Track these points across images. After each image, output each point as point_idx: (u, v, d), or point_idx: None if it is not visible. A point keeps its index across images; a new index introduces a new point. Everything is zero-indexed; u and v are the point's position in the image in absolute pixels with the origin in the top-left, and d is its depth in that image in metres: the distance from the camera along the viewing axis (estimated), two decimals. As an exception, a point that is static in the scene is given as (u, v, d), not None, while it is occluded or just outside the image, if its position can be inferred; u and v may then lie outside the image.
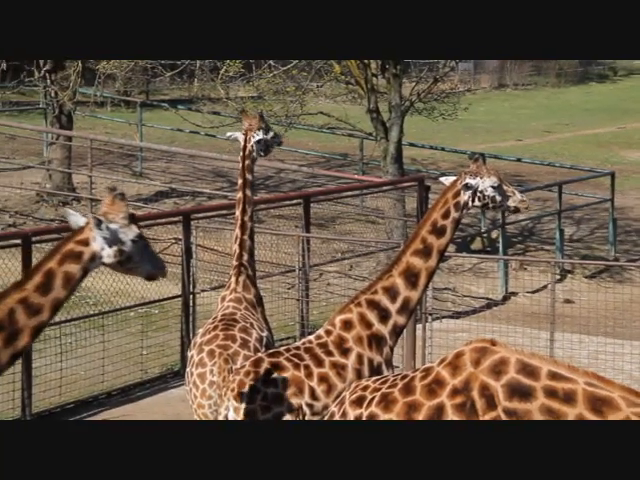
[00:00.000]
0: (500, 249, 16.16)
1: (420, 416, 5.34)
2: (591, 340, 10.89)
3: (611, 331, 11.29)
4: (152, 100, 27.09)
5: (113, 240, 5.29)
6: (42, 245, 10.51)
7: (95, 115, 23.21)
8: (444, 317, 12.70)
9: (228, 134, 8.01)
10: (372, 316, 6.50)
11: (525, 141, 29.45)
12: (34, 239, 10.01)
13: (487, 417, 5.24)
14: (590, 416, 5.09)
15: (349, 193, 16.58)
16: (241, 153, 7.81)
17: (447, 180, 6.91)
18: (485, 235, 17.90)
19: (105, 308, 11.90)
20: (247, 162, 7.72)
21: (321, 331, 6.61)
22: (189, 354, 7.28)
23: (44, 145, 21.19)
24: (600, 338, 11.11)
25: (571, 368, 5.20)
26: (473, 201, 6.69)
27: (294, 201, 13.40)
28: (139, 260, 5.39)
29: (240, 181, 7.82)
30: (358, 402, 5.60)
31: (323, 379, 6.39)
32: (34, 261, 9.40)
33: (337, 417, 5.63)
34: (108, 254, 5.28)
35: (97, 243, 5.27)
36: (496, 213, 6.41)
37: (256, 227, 14.38)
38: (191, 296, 11.26)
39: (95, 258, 5.28)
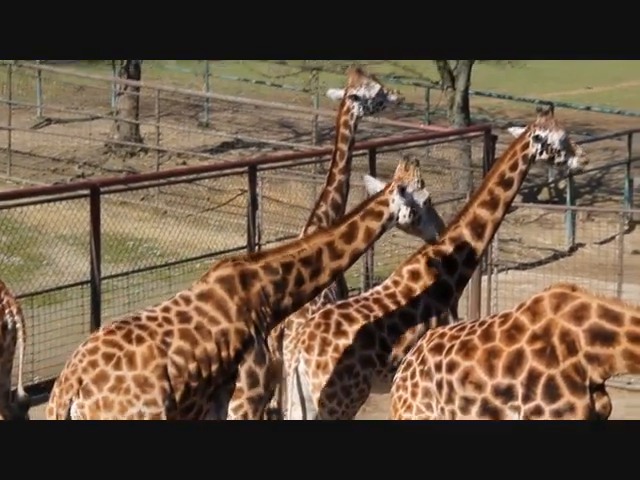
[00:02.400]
0: (567, 199, 15.99)
1: (500, 362, 5.39)
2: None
3: (680, 283, 11.15)
4: (218, 50, 27.05)
5: (408, 202, 5.99)
6: (110, 196, 10.63)
7: (162, 66, 23.32)
8: (510, 268, 12.64)
9: (330, 91, 8.00)
10: (440, 266, 6.59)
11: (594, 89, 28.95)
12: (102, 190, 10.11)
13: (568, 362, 5.26)
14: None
15: (415, 143, 16.47)
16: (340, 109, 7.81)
17: (515, 131, 7.04)
18: (552, 185, 17.71)
19: (171, 259, 12.05)
20: (344, 118, 7.71)
21: (389, 281, 6.72)
22: None
23: (112, 95, 21.39)
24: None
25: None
26: (541, 154, 6.81)
27: (360, 152, 13.37)
28: (427, 220, 6.10)
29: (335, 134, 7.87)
30: (437, 349, 5.64)
31: (393, 329, 6.50)
32: (102, 212, 9.54)
33: (415, 365, 5.68)
34: (403, 214, 6.02)
35: (395, 204, 6.01)
36: (558, 169, 6.43)
37: (319, 177, 14.45)
38: (257, 247, 11.34)
39: (392, 218, 6.04)
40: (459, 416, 5.46)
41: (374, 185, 6.20)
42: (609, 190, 18.24)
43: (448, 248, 6.62)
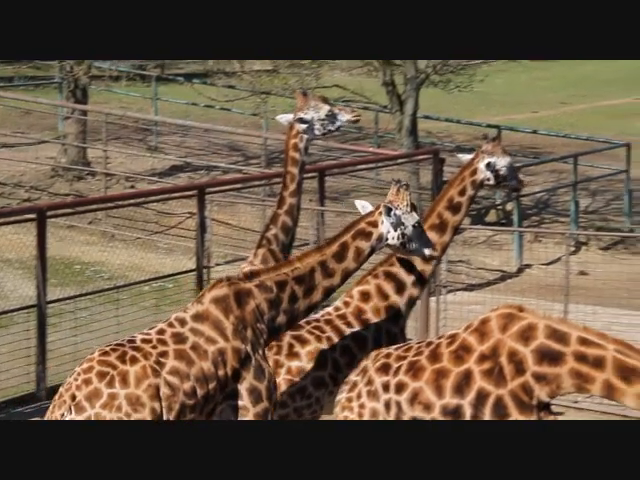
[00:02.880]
0: (515, 221, 16.13)
1: (449, 382, 5.40)
2: (605, 311, 10.89)
3: (625, 302, 11.27)
4: (167, 74, 27.04)
5: (397, 224, 6.10)
6: (57, 220, 10.55)
7: (110, 89, 23.23)
8: (458, 289, 12.72)
9: (279, 116, 7.98)
10: (389, 288, 6.63)
11: (541, 113, 29.29)
12: (49, 214, 10.05)
13: (515, 382, 5.28)
14: (617, 382, 5.13)
15: (364, 166, 16.56)
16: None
17: (464, 157, 7.16)
18: (500, 207, 17.87)
19: (119, 282, 11.97)
20: (294, 141, 7.70)
21: (339, 303, 6.73)
22: None
23: (59, 119, 21.24)
24: (614, 309, 11.10)
25: (601, 335, 5.25)
26: (488, 180, 6.99)
27: (309, 174, 13.40)
28: (417, 242, 6.19)
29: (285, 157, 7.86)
30: (384, 369, 5.64)
31: (345, 350, 6.52)
32: (49, 236, 9.46)
33: (361, 385, 5.67)
34: (392, 236, 6.11)
35: (384, 226, 6.11)
36: (503, 192, 6.69)
37: (269, 200, 14.44)
38: (205, 270, 11.30)
39: (381, 239, 6.13)
40: None
41: (367, 209, 6.29)
42: (556, 212, 18.44)
43: (398, 270, 6.67)
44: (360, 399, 5.65)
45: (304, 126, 7.65)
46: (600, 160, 19.99)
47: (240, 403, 5.85)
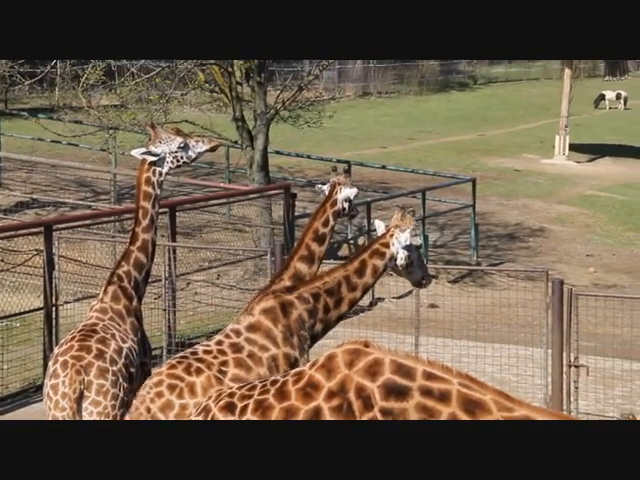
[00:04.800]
0: (366, 255, 16.29)
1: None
2: (455, 343, 11.08)
3: (474, 334, 11.50)
4: (11, 109, 26.45)
5: (405, 247, 6.81)
6: None
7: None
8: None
9: (134, 150, 7.82)
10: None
11: (389, 148, 29.85)
12: None
13: (365, 417, 5.27)
14: (463, 416, 5.17)
15: (216, 201, 16.50)
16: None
17: (322, 189, 7.57)
18: (352, 242, 18.05)
19: (-36, 322, 11.54)
20: (146, 175, 7.56)
21: (227, 331, 6.84)
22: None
23: None
24: (463, 341, 11.31)
25: (445, 369, 5.28)
26: (344, 210, 7.46)
27: (160, 210, 13.26)
28: (417, 265, 6.94)
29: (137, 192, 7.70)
30: (229, 409, 5.54)
31: (235, 380, 6.61)
32: None
33: None
34: (400, 257, 6.83)
35: (394, 247, 6.82)
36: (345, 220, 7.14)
37: (119, 236, 14.21)
38: (54, 308, 11.01)
39: (392, 258, 6.84)
40: None
41: (380, 229, 7.00)
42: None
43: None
44: None
45: (155, 159, 7.54)
46: (447, 195, 20.48)
47: None
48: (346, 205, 7.45)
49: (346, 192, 7.42)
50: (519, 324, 11.75)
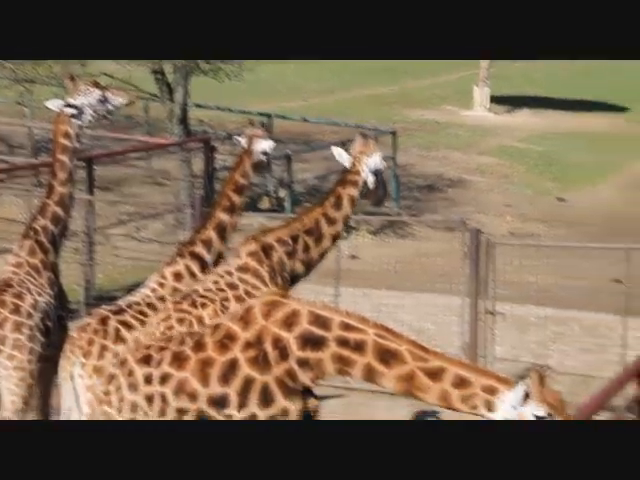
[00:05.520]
0: (287, 208, 16.32)
1: (214, 371, 5.35)
2: (374, 293, 11.19)
3: (393, 284, 11.62)
4: None
5: (374, 171, 7.25)
6: None
7: None
8: (232, 276, 12.72)
9: (49, 102, 7.67)
10: (195, 267, 7.13)
11: (310, 101, 29.78)
12: None
13: (280, 368, 5.30)
14: (377, 366, 5.23)
15: (135, 155, 16.34)
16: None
17: (242, 141, 7.65)
18: (273, 194, 18.04)
19: None
20: (63, 127, 7.45)
21: (154, 284, 7.04)
22: None
23: None
24: (383, 291, 11.43)
25: (362, 319, 5.33)
26: (261, 162, 7.65)
27: (77, 163, 13.07)
28: (381, 186, 7.35)
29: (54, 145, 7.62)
30: (146, 361, 5.53)
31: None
32: None
33: (122, 378, 5.55)
34: (370, 181, 7.23)
35: (365, 173, 7.23)
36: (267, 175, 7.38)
37: (36, 190, 13.99)
38: (-31, 264, 10.83)
39: (365, 184, 7.23)
40: None
41: (343, 158, 7.36)
42: (326, 198, 18.79)
43: (201, 250, 7.19)
44: (119, 392, 5.55)
45: (74, 112, 7.44)
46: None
47: None
48: (263, 157, 7.60)
49: (263, 144, 7.58)
50: (438, 273, 11.91)
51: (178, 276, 7.04)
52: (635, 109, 31.22)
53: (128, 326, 6.66)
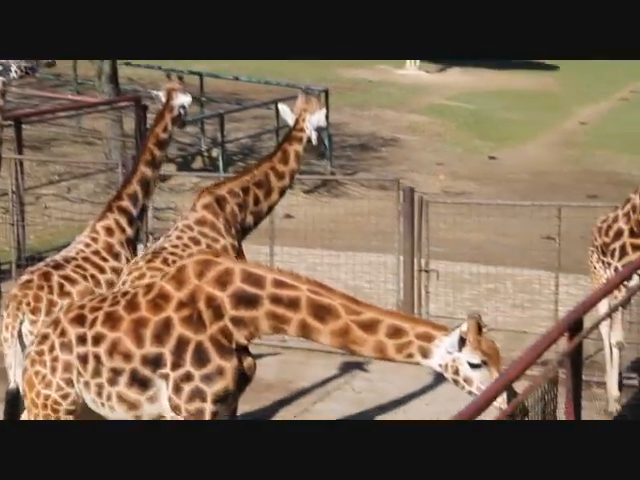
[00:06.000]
0: (221, 167, 16.23)
1: (148, 331, 5.33)
2: (309, 253, 11.20)
3: (328, 243, 11.62)
4: None
5: (317, 128, 7.63)
6: None
7: None
8: (166, 236, 12.63)
9: None
10: (124, 221, 7.25)
11: (242, 60, 29.53)
12: None
13: (215, 327, 5.30)
14: (312, 322, 5.25)
15: (64, 114, 16.08)
16: None
17: (160, 96, 7.82)
18: (206, 154, 17.92)
19: None
20: None
21: (87, 239, 7.15)
22: None
23: None
24: (318, 250, 11.43)
25: (295, 276, 5.34)
26: (179, 117, 7.77)
27: (5, 123, 12.84)
28: (322, 140, 7.67)
29: None
30: (78, 321, 5.49)
31: (111, 285, 6.91)
32: None
33: (54, 337, 5.49)
34: (314, 138, 7.63)
35: (309, 130, 7.61)
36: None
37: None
38: None
39: (309, 140, 7.62)
40: (107, 388, 5.39)
41: (287, 115, 7.74)
42: (260, 157, 18.67)
43: (127, 204, 7.31)
44: (53, 352, 5.49)
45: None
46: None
47: None
48: (182, 111, 7.76)
49: (181, 99, 7.72)
50: (372, 232, 11.94)
51: (109, 230, 7.16)
52: (564, 68, 31.53)
53: (71, 280, 6.74)
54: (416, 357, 5.14)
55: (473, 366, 5.03)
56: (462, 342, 5.03)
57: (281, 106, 7.91)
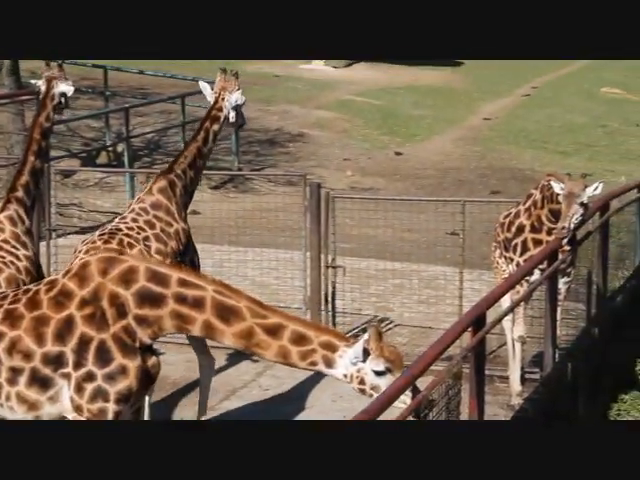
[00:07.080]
0: (126, 162, 16.04)
1: (49, 330, 5.24)
2: (216, 249, 11.14)
3: (235, 239, 11.58)
4: None
5: (235, 107, 8.02)
6: None
7: None
8: (69, 233, 12.47)
9: None
10: (22, 212, 7.28)
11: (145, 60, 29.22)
12: None
13: (118, 325, 5.23)
14: (216, 322, 5.22)
15: (-37, 108, 15.68)
16: None
17: (41, 85, 7.88)
18: (110, 149, 17.69)
19: None
20: None
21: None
22: None
23: None
24: (225, 247, 11.38)
25: (201, 276, 5.31)
26: (60, 104, 7.84)
27: None
28: (240, 117, 8.14)
29: None
30: None
31: (28, 272, 6.97)
32: None
33: None
34: (232, 116, 8.04)
35: (227, 109, 8.01)
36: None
37: None
38: None
39: (227, 119, 8.02)
40: (6, 388, 5.29)
41: (207, 92, 8.12)
42: (166, 152, 18.55)
43: (22, 195, 7.33)
44: None
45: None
46: (205, 101, 20.30)
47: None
48: (63, 100, 7.82)
49: (62, 87, 7.78)
50: (279, 228, 11.92)
51: (12, 220, 7.20)
52: (469, 63, 31.91)
53: None
54: (319, 366, 5.15)
55: (378, 374, 5.06)
56: (366, 352, 5.06)
57: (201, 83, 8.19)
